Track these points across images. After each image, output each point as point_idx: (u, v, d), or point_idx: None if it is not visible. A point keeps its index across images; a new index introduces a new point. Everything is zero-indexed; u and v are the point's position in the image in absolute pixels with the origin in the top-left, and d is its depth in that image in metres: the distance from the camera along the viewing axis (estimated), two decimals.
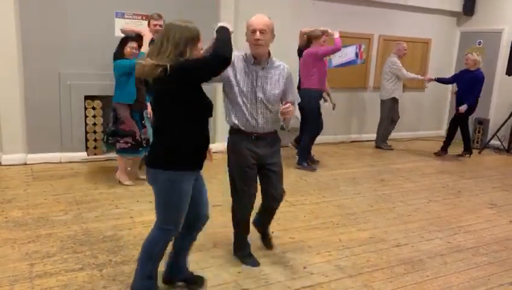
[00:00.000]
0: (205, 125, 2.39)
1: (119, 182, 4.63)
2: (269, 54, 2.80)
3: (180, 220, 2.41)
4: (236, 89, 2.76)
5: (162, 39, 2.25)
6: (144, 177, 4.54)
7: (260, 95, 2.76)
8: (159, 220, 2.43)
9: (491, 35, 7.76)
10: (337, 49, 5.40)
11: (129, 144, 4.48)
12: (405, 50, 6.79)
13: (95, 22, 5.20)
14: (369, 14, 7.22)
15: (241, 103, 2.77)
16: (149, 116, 4.54)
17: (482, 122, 7.54)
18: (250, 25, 2.69)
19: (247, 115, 2.78)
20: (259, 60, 2.76)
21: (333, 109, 6.04)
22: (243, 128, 2.81)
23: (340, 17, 6.90)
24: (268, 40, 2.72)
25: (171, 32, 2.24)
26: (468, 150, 6.74)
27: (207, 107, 2.36)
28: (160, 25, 4.52)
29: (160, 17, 4.64)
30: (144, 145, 4.51)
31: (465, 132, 6.64)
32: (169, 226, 2.40)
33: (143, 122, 4.61)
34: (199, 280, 2.74)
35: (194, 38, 2.26)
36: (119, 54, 4.44)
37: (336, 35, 5.33)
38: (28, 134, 5.16)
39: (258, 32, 2.66)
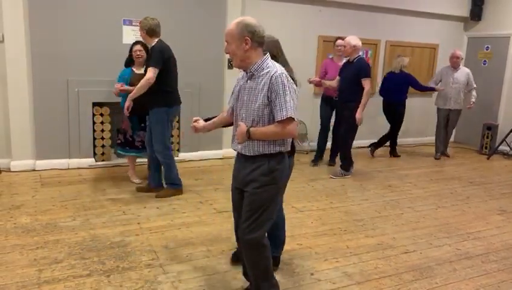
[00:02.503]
0: None
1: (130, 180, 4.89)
2: (262, 58, 2.31)
3: None
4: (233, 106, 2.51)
5: None
6: (137, 181, 4.85)
7: (242, 110, 2.36)
8: None
9: (498, 40, 7.72)
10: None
11: (119, 141, 4.75)
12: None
13: (103, 30, 5.25)
14: (376, 20, 7.22)
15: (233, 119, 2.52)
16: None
17: (491, 128, 7.48)
18: None
19: (233, 131, 2.46)
20: (246, 70, 2.35)
21: None
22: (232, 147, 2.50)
23: (347, 24, 6.91)
24: (235, 51, 2.27)
25: None
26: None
27: None
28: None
29: None
30: (138, 146, 4.78)
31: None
32: None
33: (142, 125, 4.79)
34: None
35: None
36: (130, 61, 4.67)
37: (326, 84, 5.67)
38: (36, 140, 5.20)
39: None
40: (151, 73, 4.07)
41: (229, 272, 3.00)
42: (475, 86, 6.80)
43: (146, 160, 4.66)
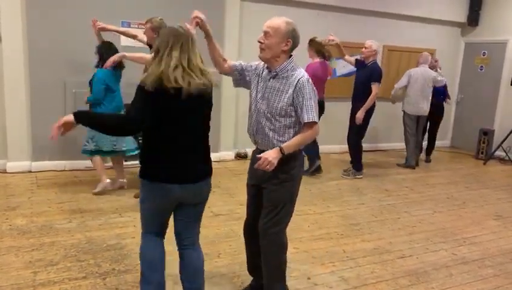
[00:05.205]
0: None
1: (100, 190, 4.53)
2: (288, 60, 2.45)
3: None
4: (251, 98, 2.55)
5: None
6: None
7: (263, 107, 2.43)
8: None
9: (495, 46, 7.76)
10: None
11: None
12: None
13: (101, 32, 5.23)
14: (374, 25, 7.24)
15: (249, 112, 2.56)
16: None
17: (487, 133, 7.51)
18: None
19: (250, 126, 2.56)
20: (270, 67, 2.45)
21: None
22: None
23: (345, 28, 6.92)
24: (273, 45, 2.37)
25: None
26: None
27: None
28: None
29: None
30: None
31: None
32: None
33: None
34: None
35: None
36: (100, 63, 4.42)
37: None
38: (33, 142, 5.18)
39: (262, 34, 2.42)
40: None
41: (226, 275, 2.99)
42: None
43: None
